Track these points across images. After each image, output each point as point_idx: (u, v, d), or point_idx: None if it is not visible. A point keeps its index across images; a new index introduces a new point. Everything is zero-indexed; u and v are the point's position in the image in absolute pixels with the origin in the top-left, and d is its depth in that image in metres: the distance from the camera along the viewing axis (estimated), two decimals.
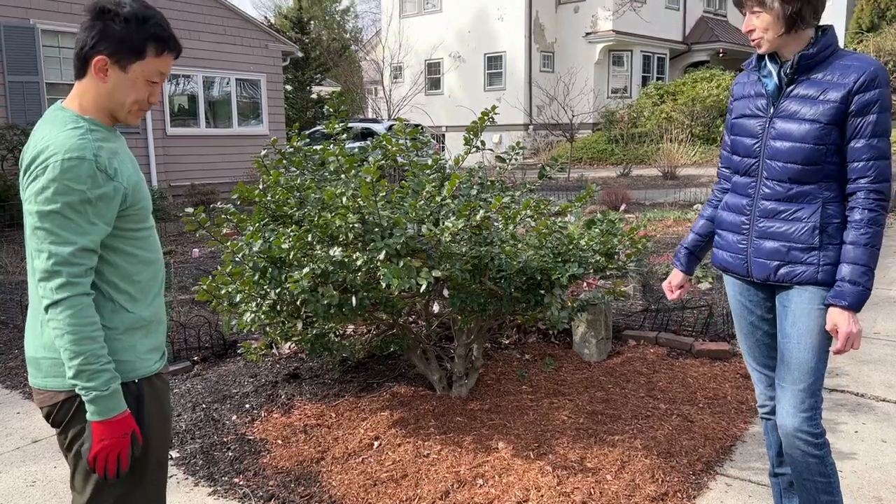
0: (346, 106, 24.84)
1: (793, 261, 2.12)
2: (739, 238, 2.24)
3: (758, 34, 2.08)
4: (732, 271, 2.31)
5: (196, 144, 13.82)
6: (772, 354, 2.34)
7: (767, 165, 2.14)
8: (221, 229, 3.37)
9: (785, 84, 2.11)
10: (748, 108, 2.21)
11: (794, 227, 2.11)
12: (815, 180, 2.08)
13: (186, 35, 13.41)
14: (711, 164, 17.59)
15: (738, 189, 2.26)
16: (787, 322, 2.16)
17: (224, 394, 3.87)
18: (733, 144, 2.26)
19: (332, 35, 36.37)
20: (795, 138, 2.06)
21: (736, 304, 2.37)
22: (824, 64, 2.06)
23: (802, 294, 2.12)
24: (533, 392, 3.75)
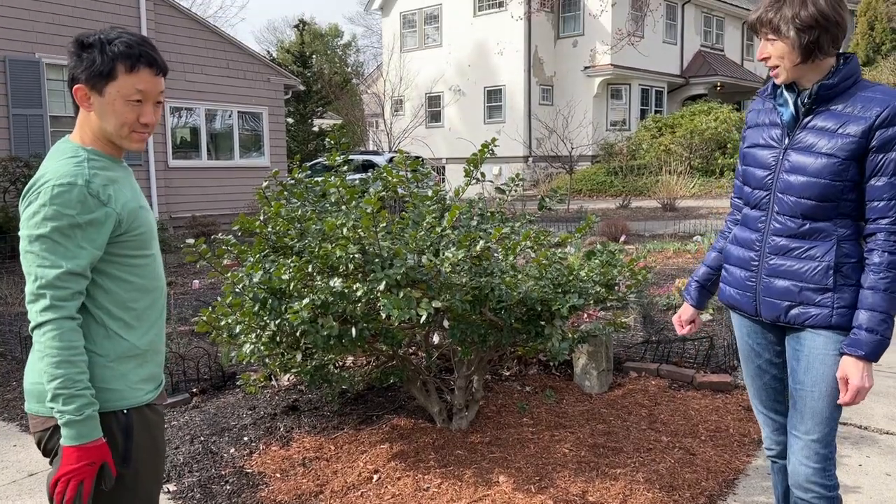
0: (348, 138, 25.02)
1: (805, 302, 2.00)
2: (748, 275, 2.13)
3: (774, 62, 1.97)
4: (740, 309, 2.20)
5: (197, 176, 13.90)
6: (779, 399, 2.25)
7: (779, 199, 2.02)
8: (222, 260, 3.37)
9: (802, 114, 2.00)
10: (761, 138, 2.10)
11: (807, 266, 1.99)
12: (829, 217, 1.96)
13: (190, 69, 13.59)
14: (710, 196, 17.68)
15: (748, 223, 2.14)
16: (800, 368, 2.05)
17: (222, 426, 3.84)
18: (745, 175, 2.15)
19: (333, 69, 36.83)
20: (810, 172, 1.94)
21: (743, 346, 2.27)
22: (845, 95, 1.94)
23: (816, 339, 2.01)
24: (534, 424, 3.72)
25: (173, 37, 13.28)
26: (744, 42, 29.87)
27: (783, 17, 1.91)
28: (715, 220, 12.57)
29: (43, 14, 11.29)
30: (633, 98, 24.28)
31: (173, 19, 13.33)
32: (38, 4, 11.25)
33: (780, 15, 1.91)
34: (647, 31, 22.71)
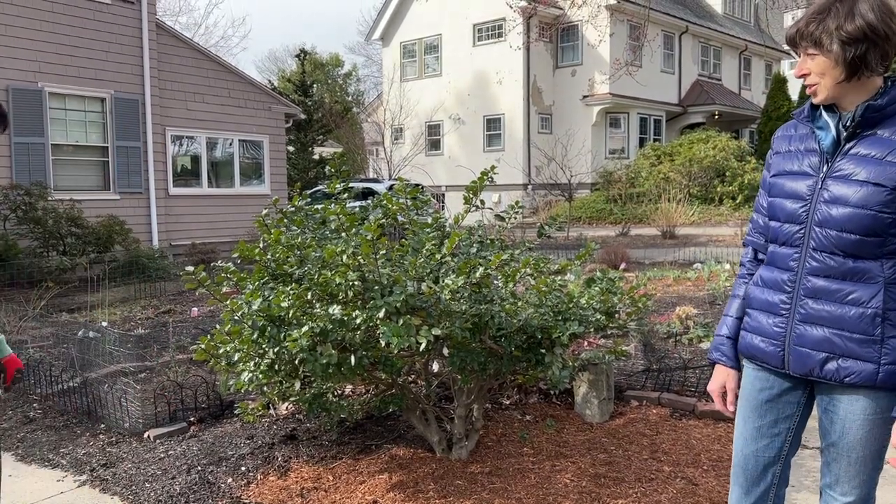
0: (348, 166, 25.21)
1: (846, 354, 1.75)
2: (777, 321, 1.86)
3: (813, 79, 1.77)
4: (763, 360, 1.92)
5: (198, 204, 13.94)
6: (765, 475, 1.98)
7: (816, 234, 1.77)
8: (221, 288, 3.36)
9: (844, 139, 1.78)
10: (795, 166, 1.86)
11: (851, 312, 1.74)
12: (875, 255, 1.72)
13: (191, 98, 13.70)
14: (710, 224, 17.71)
15: (777, 261, 1.89)
16: (834, 431, 1.84)
17: (220, 455, 3.79)
18: (771, 208, 1.89)
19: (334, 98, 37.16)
20: (853, 203, 1.71)
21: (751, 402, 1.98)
22: (893, 120, 1.73)
23: (854, 404, 1.78)
24: (534, 454, 3.68)
25: (175, 66, 13.41)
26: (741, 71, 30.18)
27: (826, 29, 1.72)
28: (714, 248, 12.58)
29: (46, 44, 11.42)
30: (632, 126, 24.46)
31: (175, 49, 13.47)
32: (41, 34, 11.38)
33: (822, 27, 1.72)
34: (644, 61, 22.95)
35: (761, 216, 2.01)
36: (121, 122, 12.41)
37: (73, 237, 10.48)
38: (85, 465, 3.77)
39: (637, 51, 21.49)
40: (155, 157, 12.97)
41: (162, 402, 4.39)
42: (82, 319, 7.74)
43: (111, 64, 12.25)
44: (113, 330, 6.67)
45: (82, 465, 3.78)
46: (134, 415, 4.30)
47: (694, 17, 26.74)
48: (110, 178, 12.40)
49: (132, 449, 3.97)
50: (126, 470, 3.68)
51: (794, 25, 1.79)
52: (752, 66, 31.01)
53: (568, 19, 23.17)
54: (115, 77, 12.30)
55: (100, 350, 5.84)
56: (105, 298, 8.63)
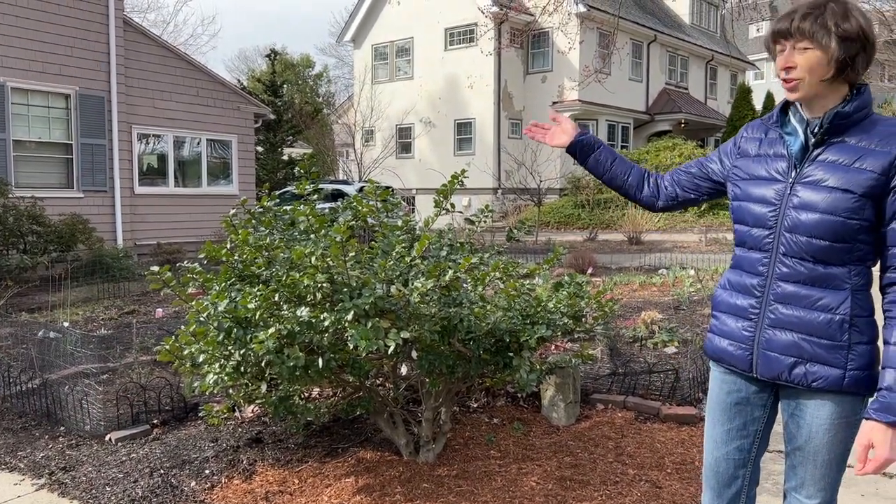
0: (317, 167, 25.06)
1: (814, 359, 1.77)
2: (746, 325, 1.88)
3: (798, 74, 1.74)
4: (731, 364, 1.94)
5: (164, 203, 13.74)
6: (737, 475, 2.01)
7: (786, 239, 1.79)
8: (187, 288, 3.32)
9: (812, 146, 1.80)
10: (763, 170, 1.87)
11: (820, 318, 1.76)
12: (844, 262, 1.75)
13: (159, 96, 13.50)
14: (675, 231, 17.96)
15: (746, 265, 1.90)
16: (801, 435, 1.87)
17: (183, 458, 3.74)
18: (739, 212, 1.91)
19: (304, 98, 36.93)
20: (822, 209, 1.73)
21: (720, 405, 2.00)
22: (858, 127, 1.76)
23: (821, 408, 1.80)
24: (501, 457, 3.69)
25: (143, 63, 13.21)
26: (707, 81, 30.69)
27: (824, 24, 1.72)
28: (679, 254, 12.76)
29: (9, 38, 11.16)
30: (601, 133, 24.72)
31: (143, 46, 13.27)
32: (4, 28, 11.12)
33: (820, 22, 1.72)
34: (613, 69, 23.21)
35: (684, 173, 2.14)
36: (86, 118, 12.17)
37: (35, 235, 10.23)
38: (43, 469, 3.69)
39: (606, 58, 21.73)
40: (120, 155, 12.75)
41: (124, 404, 4.32)
42: (43, 319, 7.57)
43: (76, 60, 12.02)
44: (74, 330, 6.54)
45: (40, 468, 3.70)
46: (95, 417, 4.22)
47: (662, 26, 27.13)
48: (74, 176, 12.16)
49: (93, 452, 3.90)
50: (86, 473, 3.60)
51: (783, 19, 1.77)
52: (717, 75, 31.56)
53: (539, 26, 23.33)
54: (80, 73, 12.06)
55: (61, 351, 5.72)
56: (67, 298, 8.46)
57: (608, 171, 2.22)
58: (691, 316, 7.00)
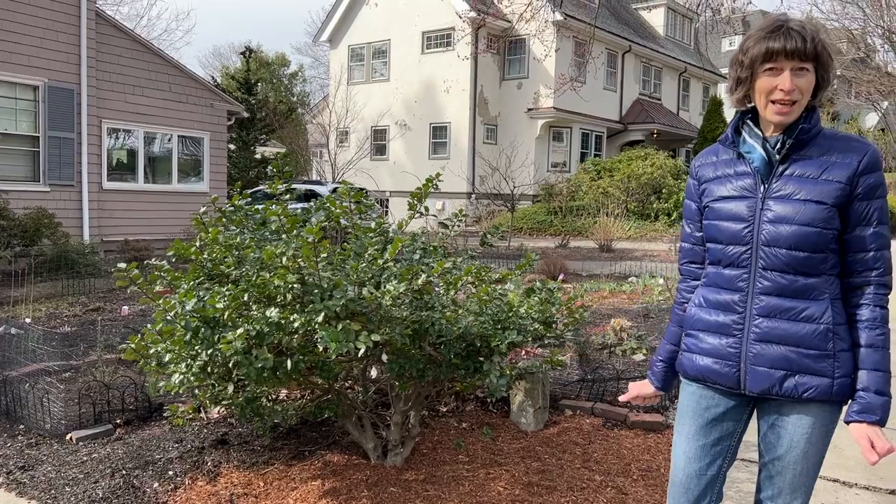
0: (291, 167, 24.87)
1: (804, 370, 1.80)
2: (730, 341, 1.88)
3: (796, 96, 1.77)
4: (716, 382, 1.92)
5: (133, 200, 13.53)
6: (706, 493, 2.00)
7: (765, 254, 1.82)
8: (154, 286, 3.27)
9: (777, 162, 1.84)
10: (728, 189, 1.90)
11: (806, 329, 1.79)
12: (820, 272, 1.80)
13: (130, 90, 13.30)
14: (646, 239, 18.15)
15: (723, 282, 1.91)
16: (781, 445, 1.89)
17: (146, 459, 3.68)
18: (711, 231, 1.93)
19: (279, 97, 36.67)
20: (800, 221, 1.77)
21: (696, 420, 1.99)
22: (814, 142, 1.83)
23: (804, 417, 1.83)
24: (469, 462, 3.69)
25: (115, 57, 13.00)
26: (680, 92, 31.11)
27: (825, 47, 1.77)
28: (649, 263, 12.90)
29: None
30: (574, 141, 24.91)
31: (115, 39, 13.06)
32: None
33: (822, 45, 1.77)
34: (588, 78, 23.39)
35: (690, 244, 2.05)
36: (54, 111, 11.94)
37: None
38: (1, 468, 3.59)
39: (582, 67, 21.93)
40: (89, 149, 12.53)
41: (87, 402, 4.23)
42: (4, 315, 7.39)
43: (46, 51, 11.79)
44: (37, 327, 6.40)
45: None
46: (56, 416, 4.13)
47: (637, 37, 27.45)
48: (40, 170, 11.92)
49: (53, 451, 3.81)
50: (45, 473, 3.52)
51: (784, 38, 1.76)
52: (690, 87, 32.01)
53: (516, 33, 23.45)
54: (49, 65, 11.84)
55: (22, 347, 5.59)
56: (30, 294, 8.27)
57: None
58: (660, 324, 7.08)
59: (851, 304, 1.82)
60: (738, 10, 14.37)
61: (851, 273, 1.82)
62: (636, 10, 30.71)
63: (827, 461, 3.62)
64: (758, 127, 1.89)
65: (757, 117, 1.91)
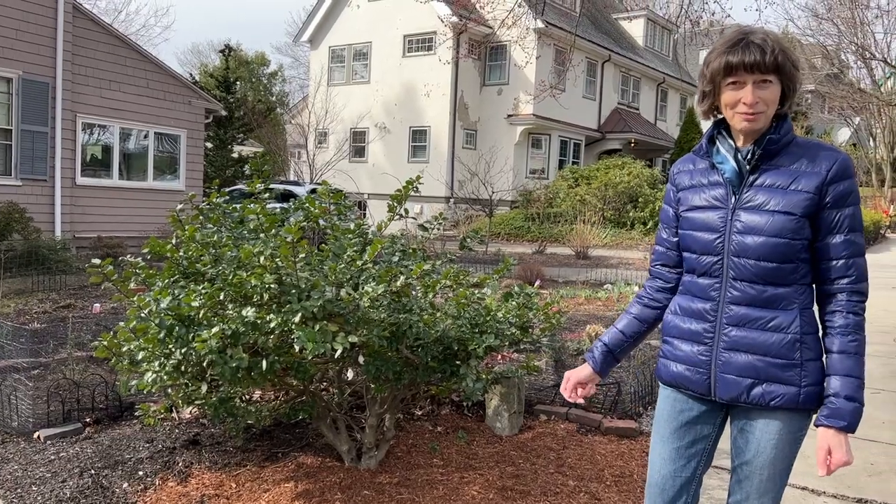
0: (268, 167, 24.71)
1: (771, 379, 1.83)
2: (701, 349, 1.92)
3: (760, 108, 1.79)
4: (689, 388, 1.96)
5: (107, 196, 13.35)
6: (680, 495, 2.03)
7: (735, 264, 1.84)
8: (128, 283, 3.22)
9: (748, 172, 1.86)
10: (701, 199, 1.92)
11: (773, 338, 1.82)
12: (790, 282, 1.82)
13: (107, 85, 13.13)
14: (621, 247, 18.30)
15: (697, 291, 1.94)
16: (749, 450, 1.91)
17: (116, 459, 3.62)
18: (686, 240, 1.95)
19: (257, 96, 36.44)
20: (768, 232, 1.79)
21: (671, 423, 2.02)
22: (785, 151, 1.84)
23: (771, 424, 1.86)
24: (444, 465, 3.68)
25: (91, 51, 12.83)
26: (658, 102, 31.43)
27: (788, 57, 1.79)
28: (624, 270, 13.00)
29: None
30: (553, 148, 25.04)
31: (92, 33, 12.89)
32: None
33: (784, 55, 1.78)
34: (568, 86, 23.57)
35: (664, 248, 2.07)
36: (28, 104, 11.74)
37: None
38: None
39: (562, 75, 22.07)
40: (63, 143, 12.34)
41: (56, 400, 4.16)
42: None
43: (21, 43, 11.59)
44: (5, 323, 6.28)
45: None
46: (24, 414, 4.05)
47: (617, 46, 27.69)
48: (12, 163, 11.71)
49: (20, 450, 3.74)
50: (11, 472, 3.45)
51: (745, 51, 1.78)
52: (668, 98, 32.36)
53: (497, 39, 23.54)
54: (24, 57, 11.65)
55: None
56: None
57: (634, 341, 2.14)
58: None
59: (825, 311, 1.84)
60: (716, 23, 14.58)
61: (825, 281, 1.83)
62: (616, 20, 30.98)
63: (797, 469, 3.66)
64: (731, 137, 1.90)
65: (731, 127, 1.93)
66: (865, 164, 30.32)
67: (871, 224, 19.92)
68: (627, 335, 2.12)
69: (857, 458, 4.01)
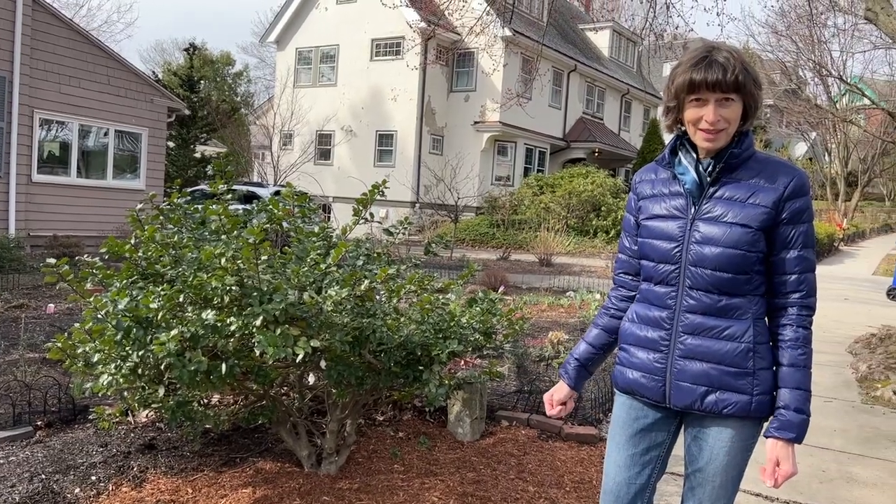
0: (232, 167, 24.40)
1: (724, 387, 1.86)
2: (657, 356, 1.95)
3: (722, 125, 1.82)
4: (644, 395, 1.99)
5: (64, 194, 13.04)
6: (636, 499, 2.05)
7: (692, 273, 1.88)
8: (85, 284, 3.15)
9: (708, 184, 1.89)
10: (662, 208, 1.95)
11: (728, 347, 1.85)
12: (744, 292, 1.86)
13: (66, 81, 12.85)
14: (584, 255, 18.48)
15: (654, 299, 1.97)
16: (702, 457, 1.94)
17: (68, 464, 3.53)
18: (644, 248, 1.98)
19: (222, 96, 35.97)
20: (724, 243, 1.83)
21: (627, 430, 2.04)
22: (745, 165, 1.88)
23: (723, 431, 1.90)
24: (405, 471, 3.67)
25: (51, 46, 12.54)
26: (622, 113, 31.87)
27: (750, 76, 1.82)
28: (587, 278, 13.13)
29: None
30: (518, 156, 25.21)
31: (52, 27, 12.60)
32: None
33: (746, 75, 1.81)
34: (534, 94, 23.77)
35: (626, 256, 2.11)
36: None
37: None
38: None
39: (528, 83, 22.24)
40: (19, 139, 12.03)
41: (6, 403, 4.04)
42: None
43: None
44: None
45: None
46: None
47: (583, 57, 28.02)
48: None
49: None
50: None
51: (709, 70, 1.79)
52: (632, 109, 32.83)
53: (465, 46, 23.66)
54: None
55: None
56: None
57: (604, 352, 2.17)
58: None
59: (776, 324, 1.89)
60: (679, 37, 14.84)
61: (776, 294, 1.88)
62: (583, 30, 31.36)
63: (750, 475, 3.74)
64: (693, 149, 1.93)
65: None
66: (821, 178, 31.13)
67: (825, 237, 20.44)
68: (597, 347, 2.15)
69: (809, 464, 4.11)
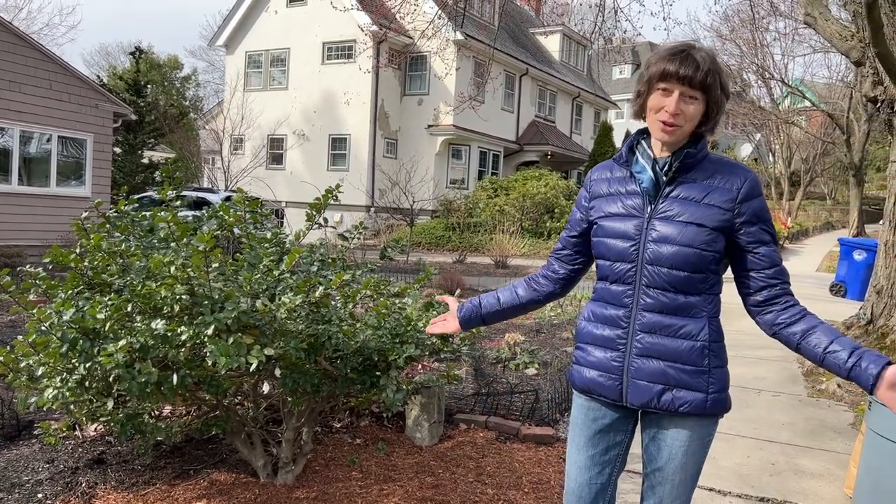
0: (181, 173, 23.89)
1: (680, 385, 1.88)
2: (614, 355, 1.95)
3: (680, 121, 1.84)
4: (601, 394, 1.99)
5: (4, 202, 12.60)
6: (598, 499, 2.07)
7: (648, 272, 1.89)
8: (27, 295, 3.04)
9: (664, 183, 1.90)
10: (618, 207, 1.96)
11: (684, 345, 1.87)
12: (699, 291, 1.88)
13: (6, 86, 12.42)
14: (539, 257, 18.64)
15: (610, 298, 1.97)
16: (661, 457, 1.96)
17: (12, 481, 3.40)
18: (600, 247, 1.99)
19: (170, 101, 35.28)
20: (680, 242, 1.84)
21: (585, 431, 2.06)
22: (700, 166, 1.90)
23: (681, 430, 1.92)
24: (363, 478, 3.64)
25: None
26: (573, 116, 32.28)
27: (719, 82, 1.84)
28: None
29: None
30: (473, 159, 25.32)
31: None
32: None
33: (716, 79, 1.83)
34: (487, 98, 23.91)
35: (562, 245, 2.15)
36: None
37: None
38: None
39: (481, 87, 22.38)
40: None
41: None
42: None
43: None
44: None
45: None
46: None
47: (534, 60, 28.29)
48: None
49: None
50: None
51: (682, 63, 1.81)
52: (583, 112, 33.28)
53: (417, 49, 23.66)
54: None
55: None
56: None
57: (504, 312, 2.22)
58: (551, 339, 7.27)
59: (776, 312, 1.86)
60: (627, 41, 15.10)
61: (766, 286, 1.87)
62: (534, 34, 31.67)
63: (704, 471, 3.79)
64: (651, 148, 1.94)
65: (651, 138, 1.97)
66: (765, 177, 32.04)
67: None
68: (502, 304, 2.19)
69: (759, 458, 4.21)
